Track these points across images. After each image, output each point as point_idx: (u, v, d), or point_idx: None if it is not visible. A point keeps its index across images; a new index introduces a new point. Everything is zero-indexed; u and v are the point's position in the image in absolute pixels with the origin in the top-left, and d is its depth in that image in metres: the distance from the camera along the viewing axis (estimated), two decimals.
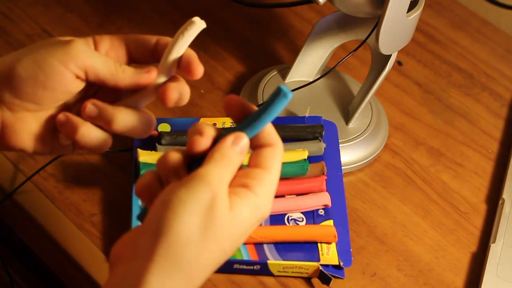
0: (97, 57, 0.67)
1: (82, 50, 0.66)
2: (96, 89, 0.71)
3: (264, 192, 0.62)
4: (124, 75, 0.68)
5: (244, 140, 0.62)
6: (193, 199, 0.58)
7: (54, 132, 0.69)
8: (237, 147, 0.62)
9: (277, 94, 0.62)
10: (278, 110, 0.62)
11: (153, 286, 0.57)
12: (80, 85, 0.67)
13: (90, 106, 0.67)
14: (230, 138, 0.62)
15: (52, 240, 0.84)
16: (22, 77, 0.65)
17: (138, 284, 0.57)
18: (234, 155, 0.61)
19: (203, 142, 0.62)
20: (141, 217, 0.67)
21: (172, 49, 0.67)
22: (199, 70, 0.68)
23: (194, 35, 0.67)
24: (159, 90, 0.68)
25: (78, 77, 0.67)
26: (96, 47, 0.69)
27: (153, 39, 0.70)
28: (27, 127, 0.68)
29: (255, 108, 0.64)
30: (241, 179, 0.62)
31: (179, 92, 0.68)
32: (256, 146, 0.64)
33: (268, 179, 0.62)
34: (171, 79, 0.69)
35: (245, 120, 0.63)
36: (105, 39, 0.69)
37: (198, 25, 0.67)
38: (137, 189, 0.64)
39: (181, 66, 0.68)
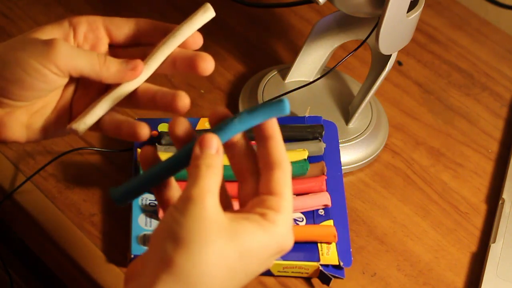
0: (80, 57, 0.67)
1: (64, 52, 0.66)
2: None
3: (281, 221, 0.60)
4: (109, 73, 0.67)
5: (212, 140, 0.61)
6: (190, 220, 0.58)
7: (46, 120, 0.69)
8: (208, 150, 0.61)
9: (278, 102, 0.61)
10: (269, 115, 0.62)
11: None
12: (65, 81, 0.67)
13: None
14: (196, 146, 0.61)
15: (52, 240, 0.84)
16: (9, 80, 0.66)
17: None
18: (211, 159, 0.60)
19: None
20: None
21: (162, 48, 0.67)
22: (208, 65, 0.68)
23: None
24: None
25: (63, 76, 0.67)
26: (74, 31, 0.68)
27: (131, 22, 0.69)
28: (17, 119, 0.68)
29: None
30: (255, 208, 0.61)
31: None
32: (265, 165, 0.63)
33: (285, 207, 0.61)
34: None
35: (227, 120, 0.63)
36: (82, 21, 0.68)
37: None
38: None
39: (185, 62, 0.68)
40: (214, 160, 0.61)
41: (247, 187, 0.64)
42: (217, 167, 0.61)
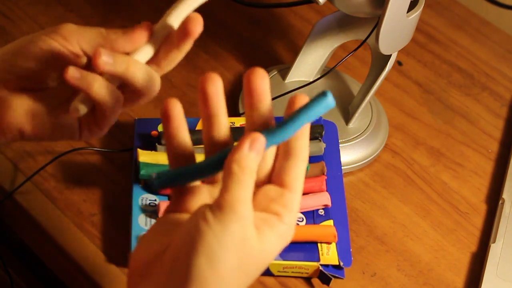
0: (86, 29, 0.67)
1: (71, 26, 0.67)
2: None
3: (292, 220, 0.61)
4: (117, 34, 0.67)
5: (260, 140, 0.59)
6: (228, 235, 0.57)
7: (53, 112, 0.69)
8: (253, 153, 0.59)
9: (320, 97, 0.59)
10: (315, 115, 0.59)
11: None
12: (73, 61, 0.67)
13: (104, 54, 0.64)
14: (246, 144, 0.59)
15: (52, 240, 0.84)
16: (13, 50, 0.67)
17: None
18: (252, 163, 0.58)
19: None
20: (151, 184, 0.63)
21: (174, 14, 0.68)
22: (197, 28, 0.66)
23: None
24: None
25: (72, 52, 0.67)
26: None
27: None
28: (24, 103, 0.68)
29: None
30: (271, 204, 0.60)
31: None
32: (284, 152, 0.62)
33: (296, 204, 0.61)
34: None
35: (278, 124, 0.60)
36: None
37: None
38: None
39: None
40: (256, 162, 0.59)
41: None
42: (255, 169, 0.59)
